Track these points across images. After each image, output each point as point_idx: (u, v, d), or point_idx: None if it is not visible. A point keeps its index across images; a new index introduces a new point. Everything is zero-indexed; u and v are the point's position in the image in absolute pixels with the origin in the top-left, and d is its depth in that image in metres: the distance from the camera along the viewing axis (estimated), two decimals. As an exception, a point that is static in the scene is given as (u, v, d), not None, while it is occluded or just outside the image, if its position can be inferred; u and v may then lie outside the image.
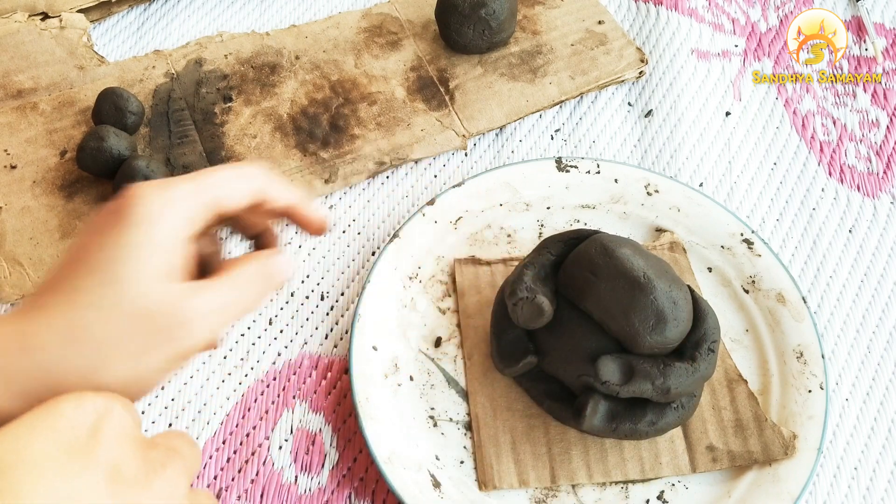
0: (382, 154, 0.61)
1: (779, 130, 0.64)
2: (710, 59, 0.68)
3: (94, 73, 0.64)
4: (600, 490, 0.48)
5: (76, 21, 0.67)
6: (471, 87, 0.64)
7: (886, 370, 0.54)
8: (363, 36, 0.67)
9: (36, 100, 0.63)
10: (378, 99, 0.64)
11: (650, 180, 0.59)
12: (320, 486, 0.49)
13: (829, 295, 0.56)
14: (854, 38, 0.70)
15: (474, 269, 0.56)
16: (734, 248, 0.56)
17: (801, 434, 0.49)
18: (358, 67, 0.65)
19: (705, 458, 0.49)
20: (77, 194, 0.58)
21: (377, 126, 0.62)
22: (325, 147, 0.61)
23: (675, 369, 0.45)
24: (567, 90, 0.64)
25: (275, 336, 0.54)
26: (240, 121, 0.62)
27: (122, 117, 0.59)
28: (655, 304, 0.44)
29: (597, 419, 0.46)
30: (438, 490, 0.47)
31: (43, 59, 0.64)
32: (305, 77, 0.65)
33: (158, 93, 0.63)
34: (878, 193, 0.61)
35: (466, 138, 0.62)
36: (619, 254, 0.46)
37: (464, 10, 0.63)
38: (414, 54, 0.66)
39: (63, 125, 0.61)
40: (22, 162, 0.59)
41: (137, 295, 0.29)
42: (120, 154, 0.56)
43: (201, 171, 0.33)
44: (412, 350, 0.53)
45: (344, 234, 0.59)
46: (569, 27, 0.68)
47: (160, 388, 0.52)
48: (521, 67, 0.65)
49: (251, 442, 0.50)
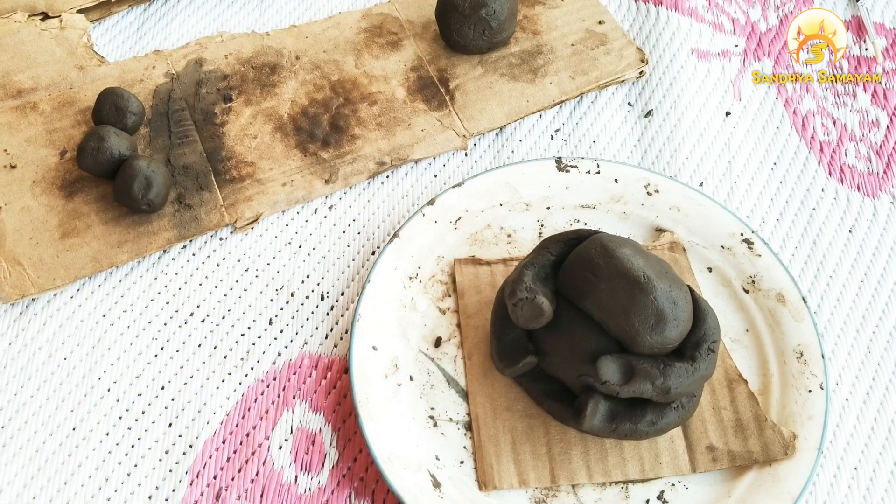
0: (383, 154, 0.61)
1: (779, 130, 0.64)
2: (710, 59, 0.68)
3: (94, 73, 0.64)
4: (600, 490, 0.48)
5: (76, 21, 0.67)
6: (471, 88, 0.64)
7: (886, 370, 0.54)
8: (363, 36, 0.67)
9: (36, 99, 0.63)
10: (378, 99, 0.64)
11: (650, 180, 0.59)
12: (320, 485, 0.49)
13: (829, 295, 0.56)
14: (854, 38, 0.70)
15: (474, 269, 0.56)
16: (734, 248, 0.56)
17: (802, 434, 0.49)
18: (358, 67, 0.65)
19: (705, 458, 0.49)
20: (77, 194, 0.58)
21: (377, 126, 0.62)
22: (325, 147, 0.61)
23: (675, 369, 0.45)
24: (567, 90, 0.64)
25: (275, 336, 0.54)
26: (240, 121, 0.62)
27: (123, 117, 0.59)
28: (655, 305, 0.44)
29: (597, 419, 0.46)
30: (438, 490, 0.47)
31: (43, 59, 0.64)
32: (306, 77, 0.65)
33: (158, 93, 0.63)
34: (879, 193, 0.61)
35: (467, 138, 0.62)
36: (619, 254, 0.46)
37: (464, 11, 0.63)
38: (414, 54, 0.66)
39: (63, 125, 0.61)
40: (22, 162, 0.59)
41: None
42: (120, 154, 0.56)
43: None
44: (412, 350, 0.53)
45: (344, 234, 0.59)
46: (569, 27, 0.68)
47: (160, 388, 0.52)
48: (522, 67, 0.65)
49: (251, 442, 0.50)
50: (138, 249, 0.56)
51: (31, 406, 0.51)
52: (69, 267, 0.55)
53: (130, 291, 0.56)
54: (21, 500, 0.48)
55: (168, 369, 0.53)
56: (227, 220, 0.58)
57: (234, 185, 0.59)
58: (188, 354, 0.53)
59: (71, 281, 0.55)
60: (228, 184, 0.59)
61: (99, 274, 0.56)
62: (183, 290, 0.56)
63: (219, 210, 0.58)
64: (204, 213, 0.58)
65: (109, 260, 0.56)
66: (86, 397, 0.52)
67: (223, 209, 0.58)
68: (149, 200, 0.55)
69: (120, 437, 0.50)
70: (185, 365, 0.53)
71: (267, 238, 0.58)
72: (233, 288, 0.56)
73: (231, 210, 0.58)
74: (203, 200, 0.58)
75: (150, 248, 0.56)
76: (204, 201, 0.58)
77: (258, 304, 0.55)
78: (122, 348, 0.53)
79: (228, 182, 0.59)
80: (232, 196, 0.59)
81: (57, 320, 0.54)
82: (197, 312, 0.55)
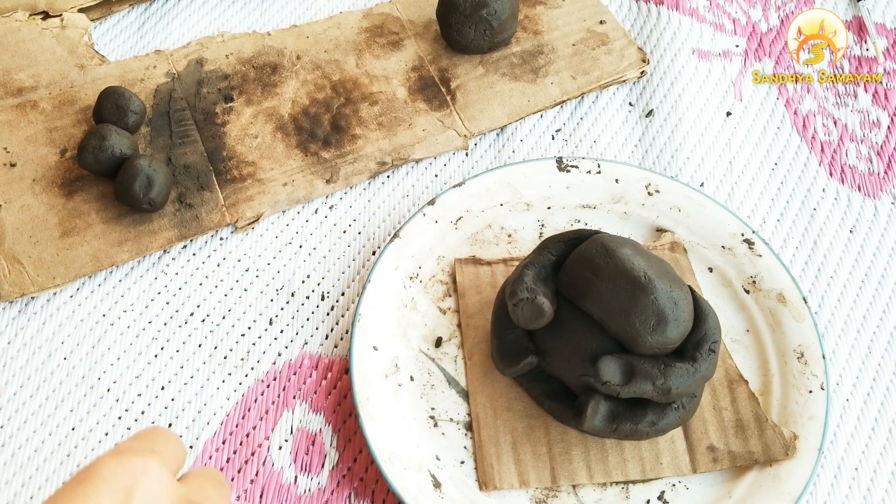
0: (384, 154, 0.61)
1: (779, 130, 0.64)
2: (711, 59, 0.68)
3: (94, 72, 0.64)
4: (601, 490, 0.48)
5: (77, 20, 0.66)
6: (472, 87, 0.64)
7: (887, 370, 0.54)
8: (364, 36, 0.67)
9: (36, 98, 0.62)
10: (379, 99, 0.63)
11: (651, 180, 0.59)
12: (320, 486, 0.49)
13: (829, 295, 0.56)
14: (855, 38, 0.70)
15: (475, 269, 0.56)
16: (735, 248, 0.56)
17: (802, 434, 0.49)
18: (359, 67, 0.65)
19: (706, 458, 0.49)
20: (77, 193, 0.58)
21: (378, 126, 0.62)
22: (326, 147, 0.61)
23: (675, 369, 0.45)
24: (569, 90, 0.64)
25: (275, 336, 0.54)
26: (241, 121, 0.62)
27: (124, 116, 0.59)
28: (656, 305, 0.44)
29: (597, 419, 0.46)
30: (439, 490, 0.47)
31: (43, 58, 0.64)
32: (307, 77, 0.65)
33: (159, 92, 0.63)
34: (879, 194, 0.61)
35: (468, 138, 0.62)
36: (619, 254, 0.46)
37: (465, 10, 0.63)
38: (415, 54, 0.66)
39: (63, 124, 0.61)
40: (22, 160, 0.59)
41: None
42: (122, 153, 0.56)
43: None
44: (412, 350, 0.53)
45: (345, 234, 0.59)
46: (570, 27, 0.68)
47: (160, 388, 0.52)
48: (523, 67, 0.65)
49: (251, 442, 0.50)
50: (139, 249, 0.56)
51: (30, 405, 0.51)
52: (69, 266, 0.55)
53: (130, 291, 0.56)
54: (19, 499, 0.48)
55: (168, 369, 0.53)
56: (228, 220, 0.58)
57: (234, 184, 0.59)
58: (188, 354, 0.53)
59: (71, 280, 0.55)
60: (229, 183, 0.59)
61: (99, 273, 0.56)
62: (183, 290, 0.56)
63: (220, 210, 0.58)
64: (205, 213, 0.58)
65: (110, 259, 0.56)
66: (85, 397, 0.52)
67: (224, 209, 0.58)
68: (150, 199, 0.55)
69: (119, 436, 0.50)
70: (185, 365, 0.53)
71: (267, 238, 0.58)
72: (233, 288, 0.56)
73: (232, 210, 0.58)
74: (204, 200, 0.58)
75: (151, 248, 0.56)
76: (205, 201, 0.58)
77: (258, 305, 0.55)
78: (122, 348, 0.53)
79: (229, 182, 0.59)
80: (233, 196, 0.59)
81: (56, 319, 0.54)
82: (197, 312, 0.55)
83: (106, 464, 0.28)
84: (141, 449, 0.29)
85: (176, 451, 0.31)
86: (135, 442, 0.30)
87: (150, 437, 0.31)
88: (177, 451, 0.31)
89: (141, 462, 0.29)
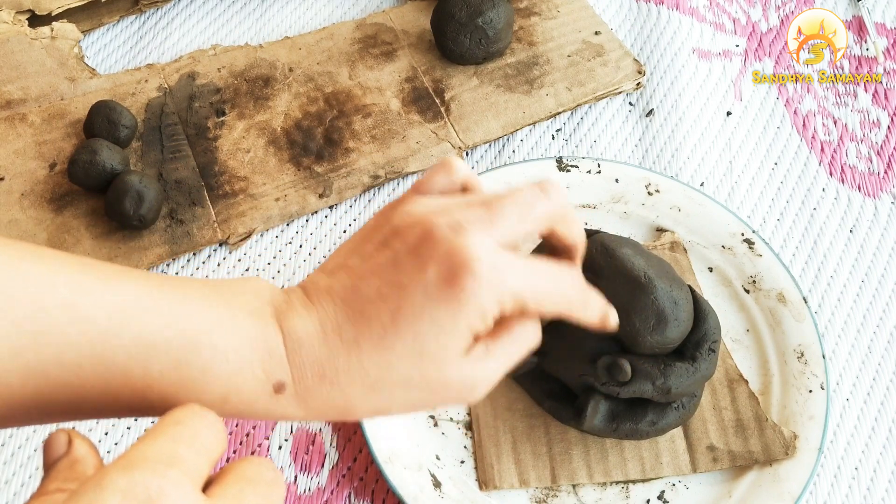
0: (377, 167, 0.60)
1: (779, 130, 0.64)
2: (711, 59, 0.68)
3: (85, 85, 0.63)
4: (601, 490, 0.48)
5: (68, 32, 0.65)
6: (467, 99, 0.63)
7: (887, 370, 0.54)
8: (357, 47, 0.66)
9: (25, 111, 0.61)
10: (373, 111, 0.63)
11: (651, 180, 0.58)
12: (320, 486, 0.49)
13: (829, 295, 0.56)
14: (855, 38, 0.70)
15: (475, 269, 0.55)
16: (735, 247, 0.56)
17: (802, 434, 0.49)
18: (352, 79, 0.64)
19: (706, 458, 0.49)
20: (66, 208, 0.57)
21: (372, 139, 0.61)
22: (319, 161, 0.60)
23: (675, 369, 0.45)
24: (564, 102, 0.64)
25: (275, 336, 0.54)
26: (233, 135, 0.61)
27: (115, 131, 0.58)
28: (656, 304, 0.44)
29: (597, 419, 0.46)
30: (439, 490, 0.47)
31: (33, 70, 0.63)
32: (299, 90, 0.64)
33: (151, 107, 0.62)
34: (879, 193, 0.61)
35: (462, 150, 0.61)
36: (619, 253, 0.46)
37: (461, 19, 0.62)
38: (409, 65, 0.65)
39: (53, 137, 0.60)
40: (10, 174, 0.58)
41: (440, 371, 0.32)
42: (113, 168, 0.55)
43: (504, 217, 0.35)
44: (412, 350, 0.53)
45: (345, 234, 0.59)
46: (565, 38, 0.67)
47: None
48: (518, 79, 0.65)
49: (251, 442, 0.50)
50: (129, 265, 0.55)
51: (30, 405, 0.51)
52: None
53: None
54: (19, 499, 0.48)
55: (168, 369, 0.53)
56: (220, 236, 0.57)
57: (226, 200, 0.58)
58: (188, 354, 0.53)
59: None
60: (221, 199, 0.58)
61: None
62: (183, 290, 0.56)
63: (211, 225, 0.57)
64: (196, 229, 0.57)
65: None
66: (85, 397, 0.52)
67: (216, 224, 0.57)
68: (140, 216, 0.54)
69: (119, 436, 0.50)
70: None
71: (268, 238, 0.58)
72: (233, 287, 0.56)
73: (224, 226, 0.57)
74: (195, 216, 0.57)
75: (141, 264, 0.55)
76: (196, 216, 0.57)
77: (258, 304, 0.55)
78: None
79: (221, 197, 0.58)
80: (225, 211, 0.58)
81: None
82: (197, 312, 0.55)
83: (111, 489, 0.23)
84: (158, 459, 0.24)
85: (209, 444, 0.26)
86: (151, 446, 0.24)
87: (171, 436, 0.25)
88: (209, 442, 0.26)
89: (156, 483, 0.23)
